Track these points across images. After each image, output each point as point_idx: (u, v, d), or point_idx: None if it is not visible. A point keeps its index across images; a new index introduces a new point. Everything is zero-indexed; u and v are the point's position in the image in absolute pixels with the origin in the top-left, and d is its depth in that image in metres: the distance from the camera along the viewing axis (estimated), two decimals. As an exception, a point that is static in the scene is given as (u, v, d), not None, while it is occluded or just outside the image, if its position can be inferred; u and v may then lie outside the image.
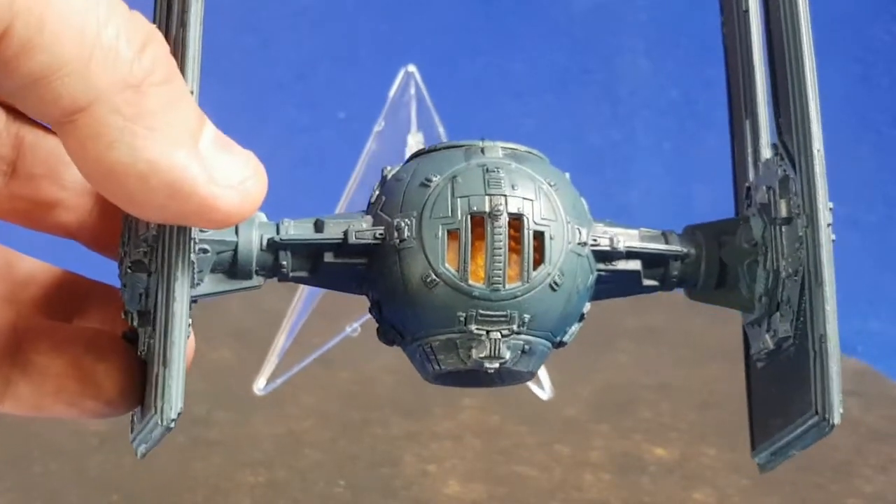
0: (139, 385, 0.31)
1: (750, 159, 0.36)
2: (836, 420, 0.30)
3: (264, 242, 0.33)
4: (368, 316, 0.34)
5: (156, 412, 0.29)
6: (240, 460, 0.72)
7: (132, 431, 0.31)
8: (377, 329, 0.34)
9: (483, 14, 1.27)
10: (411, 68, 0.73)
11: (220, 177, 0.27)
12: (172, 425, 0.29)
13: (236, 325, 0.88)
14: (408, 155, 0.34)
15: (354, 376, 0.83)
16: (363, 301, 0.34)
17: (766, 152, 0.35)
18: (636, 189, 1.25)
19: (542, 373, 0.74)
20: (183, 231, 0.29)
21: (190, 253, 0.30)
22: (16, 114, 0.34)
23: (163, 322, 0.29)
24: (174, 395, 0.29)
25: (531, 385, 0.74)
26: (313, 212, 0.34)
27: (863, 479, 0.71)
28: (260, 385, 0.72)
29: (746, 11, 0.36)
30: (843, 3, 1.25)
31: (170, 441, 0.78)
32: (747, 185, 0.35)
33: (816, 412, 0.30)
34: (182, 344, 0.29)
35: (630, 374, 0.84)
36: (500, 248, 0.32)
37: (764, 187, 0.34)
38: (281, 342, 0.73)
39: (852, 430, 0.76)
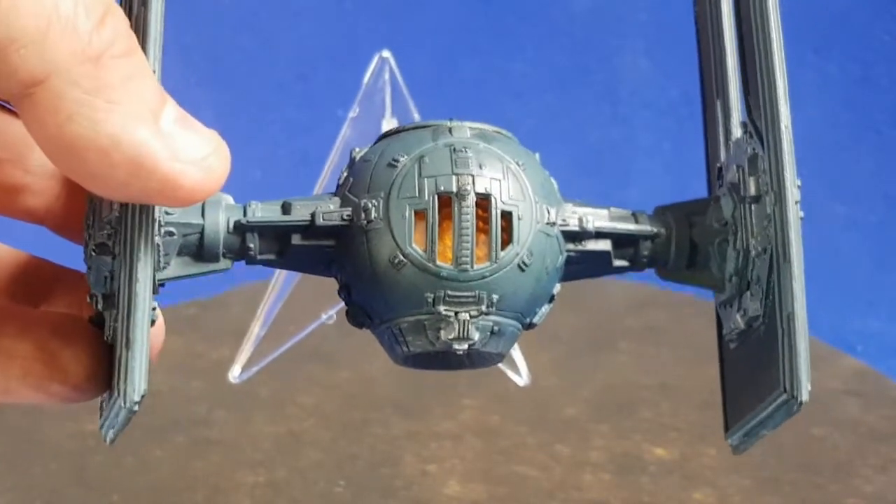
0: (107, 370, 0.31)
1: (721, 139, 0.36)
2: (804, 397, 0.30)
3: (231, 225, 0.32)
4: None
5: (119, 395, 0.29)
6: (240, 460, 0.72)
7: (101, 417, 0.31)
8: (346, 311, 0.34)
9: (483, 14, 1.27)
10: (385, 54, 0.73)
11: (182, 153, 0.27)
12: (136, 408, 0.29)
13: (237, 325, 0.88)
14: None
15: (354, 376, 0.83)
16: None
17: (737, 132, 0.35)
18: (636, 189, 1.25)
19: (519, 359, 0.74)
20: (145, 211, 0.29)
21: (153, 234, 0.29)
22: None
23: (125, 304, 0.29)
24: (137, 376, 0.28)
25: (508, 371, 0.74)
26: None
27: (863, 479, 0.71)
28: (235, 373, 0.72)
29: None
30: (843, 3, 1.25)
31: (170, 441, 0.79)
32: (718, 165, 0.35)
33: (785, 390, 0.30)
34: (145, 325, 0.29)
35: (630, 374, 0.84)
36: (468, 228, 0.31)
37: (734, 166, 0.34)
38: (255, 331, 0.73)
39: (852, 430, 0.76)
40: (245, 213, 0.33)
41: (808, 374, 0.30)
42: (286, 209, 0.33)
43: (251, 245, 0.33)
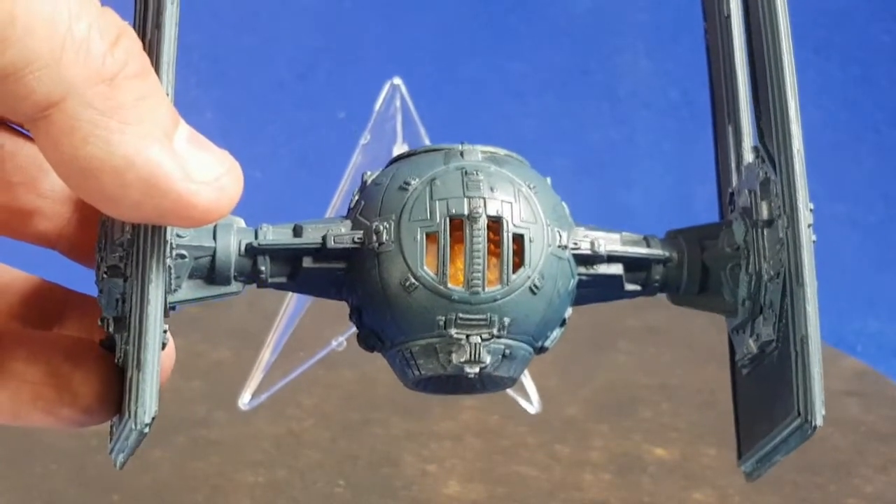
0: (117, 393, 0.31)
1: (733, 164, 0.36)
2: (819, 422, 0.30)
3: (242, 248, 0.32)
4: (355, 329, 0.34)
5: (130, 416, 0.28)
6: (240, 460, 0.72)
7: (111, 441, 0.31)
8: (357, 335, 0.34)
9: (483, 14, 1.27)
10: (397, 81, 0.73)
11: (195, 173, 0.27)
12: (146, 430, 0.28)
13: (237, 326, 0.88)
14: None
15: (354, 376, 0.83)
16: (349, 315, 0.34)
17: (749, 157, 0.35)
18: (636, 189, 1.25)
19: (530, 386, 0.74)
20: (157, 232, 0.29)
21: (164, 255, 0.29)
22: None
23: (137, 325, 0.29)
24: (148, 398, 0.28)
25: (518, 398, 0.74)
26: (314, 212, 0.34)
27: (863, 479, 0.71)
28: (245, 399, 0.72)
29: (728, 17, 0.36)
30: (843, 3, 1.25)
31: (170, 441, 0.78)
32: (730, 190, 0.35)
33: (799, 414, 0.30)
34: (156, 347, 0.29)
35: (630, 374, 0.84)
36: (479, 251, 0.31)
37: (746, 191, 0.34)
38: (266, 357, 0.73)
39: (852, 430, 0.76)
40: (256, 236, 0.32)
41: (822, 398, 0.30)
42: (297, 232, 0.33)
43: (262, 268, 0.32)
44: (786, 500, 0.68)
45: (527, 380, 0.73)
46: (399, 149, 0.75)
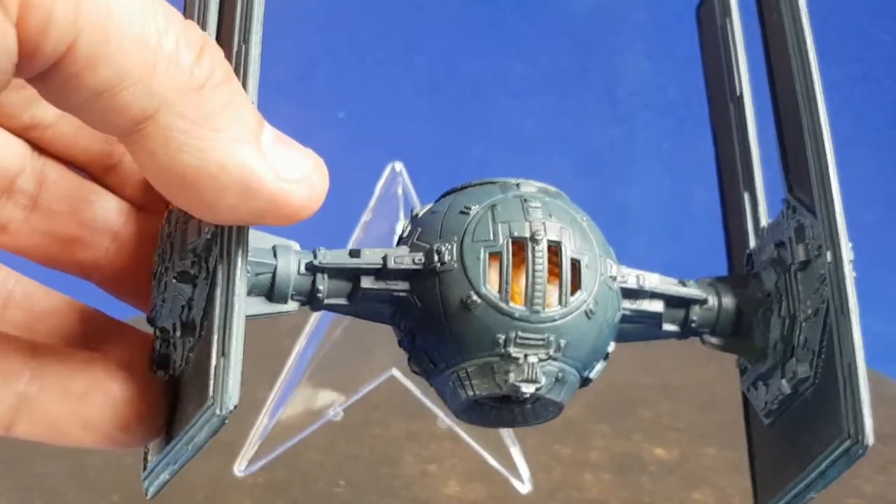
0: (160, 415, 0.31)
1: (750, 227, 0.37)
2: (870, 441, 0.31)
3: (302, 266, 0.33)
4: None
5: (213, 403, 0.29)
6: (240, 460, 0.72)
7: (145, 469, 0.31)
8: (408, 359, 0.34)
9: (483, 14, 1.27)
10: (398, 167, 0.74)
11: (285, 172, 0.28)
12: (227, 419, 0.29)
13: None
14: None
15: (354, 376, 0.83)
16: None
17: (764, 220, 0.37)
18: (636, 189, 1.25)
19: (522, 463, 0.72)
20: (241, 230, 0.30)
21: (247, 252, 0.30)
22: (40, 150, 0.34)
23: (222, 317, 0.29)
24: (232, 385, 0.29)
25: (510, 477, 0.72)
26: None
27: (863, 479, 0.71)
28: (241, 467, 0.72)
29: (741, 97, 0.37)
30: (843, 3, 1.25)
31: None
32: (748, 252, 0.36)
33: (849, 435, 0.31)
34: (240, 337, 0.29)
35: (630, 374, 0.84)
36: (541, 271, 0.32)
37: (771, 245, 0.35)
38: (263, 425, 0.72)
39: (852, 430, 0.76)
40: (315, 256, 0.33)
41: (871, 421, 0.31)
42: (354, 254, 0.34)
43: (321, 287, 0.33)
44: (786, 500, 0.68)
45: (515, 450, 0.70)
46: (401, 227, 0.75)
